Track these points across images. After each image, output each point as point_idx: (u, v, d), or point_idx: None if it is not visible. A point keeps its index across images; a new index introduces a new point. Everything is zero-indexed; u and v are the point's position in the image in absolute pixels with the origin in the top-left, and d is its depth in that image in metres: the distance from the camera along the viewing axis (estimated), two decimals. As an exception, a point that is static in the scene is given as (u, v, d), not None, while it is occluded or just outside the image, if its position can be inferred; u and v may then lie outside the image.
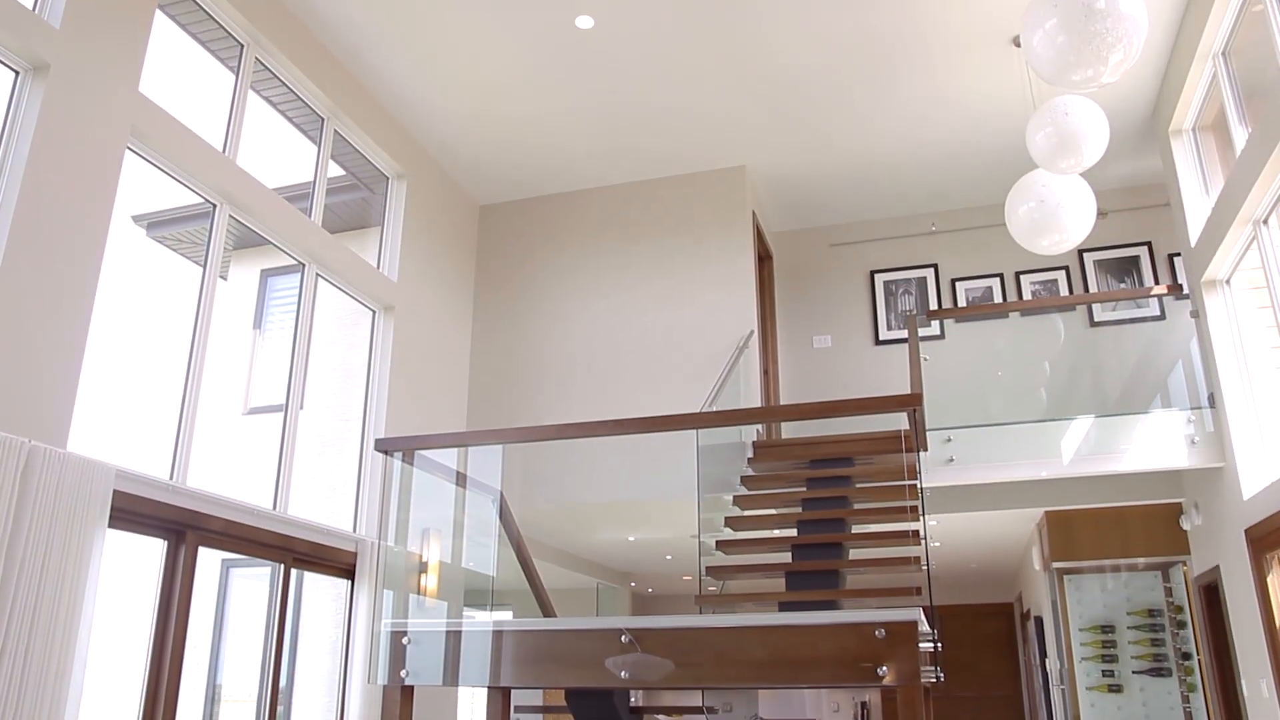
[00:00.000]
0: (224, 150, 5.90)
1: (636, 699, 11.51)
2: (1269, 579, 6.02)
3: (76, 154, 4.71)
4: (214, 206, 5.82)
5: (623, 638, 4.20)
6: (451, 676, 4.68)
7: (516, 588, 7.22)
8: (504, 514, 6.38)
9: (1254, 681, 6.51)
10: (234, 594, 7.71)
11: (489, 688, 4.78)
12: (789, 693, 12.86)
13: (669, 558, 10.25)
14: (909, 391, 6.09)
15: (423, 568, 6.98)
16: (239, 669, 7.19)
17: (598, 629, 4.30)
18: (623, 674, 4.19)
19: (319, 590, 7.38)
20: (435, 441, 5.02)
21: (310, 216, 6.66)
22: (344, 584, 6.68)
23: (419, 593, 6.96)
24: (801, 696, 12.96)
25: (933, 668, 4.22)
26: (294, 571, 6.33)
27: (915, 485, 4.41)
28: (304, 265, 6.63)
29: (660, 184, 8.45)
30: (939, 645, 5.28)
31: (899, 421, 6.05)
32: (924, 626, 4.02)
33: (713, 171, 8.34)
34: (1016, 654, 12.40)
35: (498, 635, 4.55)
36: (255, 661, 6.28)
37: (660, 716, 11.64)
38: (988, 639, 12.72)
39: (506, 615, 7.85)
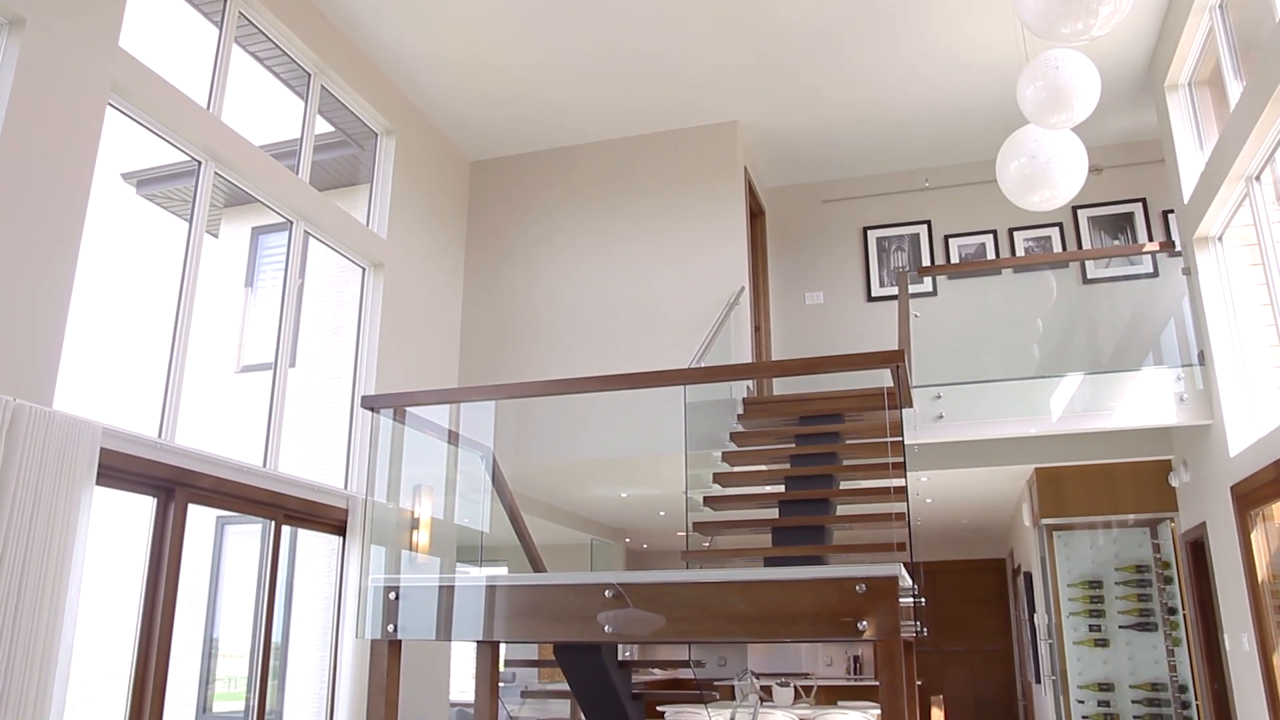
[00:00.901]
0: (208, 107, 5.85)
1: (632, 653, 11.64)
2: (1252, 535, 6.06)
3: (55, 111, 4.67)
4: (199, 164, 5.78)
5: (606, 592, 4.22)
6: (438, 631, 4.73)
7: (510, 544, 7.27)
8: (494, 471, 6.41)
9: (1235, 635, 6.58)
10: (229, 550, 7.77)
11: (475, 642, 4.82)
12: (783, 647, 13.01)
13: (662, 514, 10.31)
14: (897, 348, 6.08)
15: (414, 524, 7.02)
16: (235, 623, 7.27)
17: (582, 584, 4.33)
18: (607, 628, 4.22)
19: (313, 546, 7.44)
20: (421, 398, 5.03)
21: (298, 174, 6.62)
22: (336, 540, 6.73)
23: (411, 549, 7.01)
24: (797, 650, 13.11)
25: (914, 622, 4.26)
26: (285, 528, 6.38)
27: (899, 442, 4.42)
28: (291, 223, 6.60)
29: (652, 139, 8.39)
30: (922, 600, 5.33)
31: (889, 378, 6.06)
32: (905, 582, 4.04)
33: (705, 127, 8.27)
34: (1008, 609, 12.52)
35: (484, 590, 4.59)
36: (250, 616, 6.34)
37: (657, 671, 11.78)
38: (979, 594, 12.83)
39: (502, 571, 7.92)
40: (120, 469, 4.89)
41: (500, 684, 9.98)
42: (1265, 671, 5.93)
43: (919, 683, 9.91)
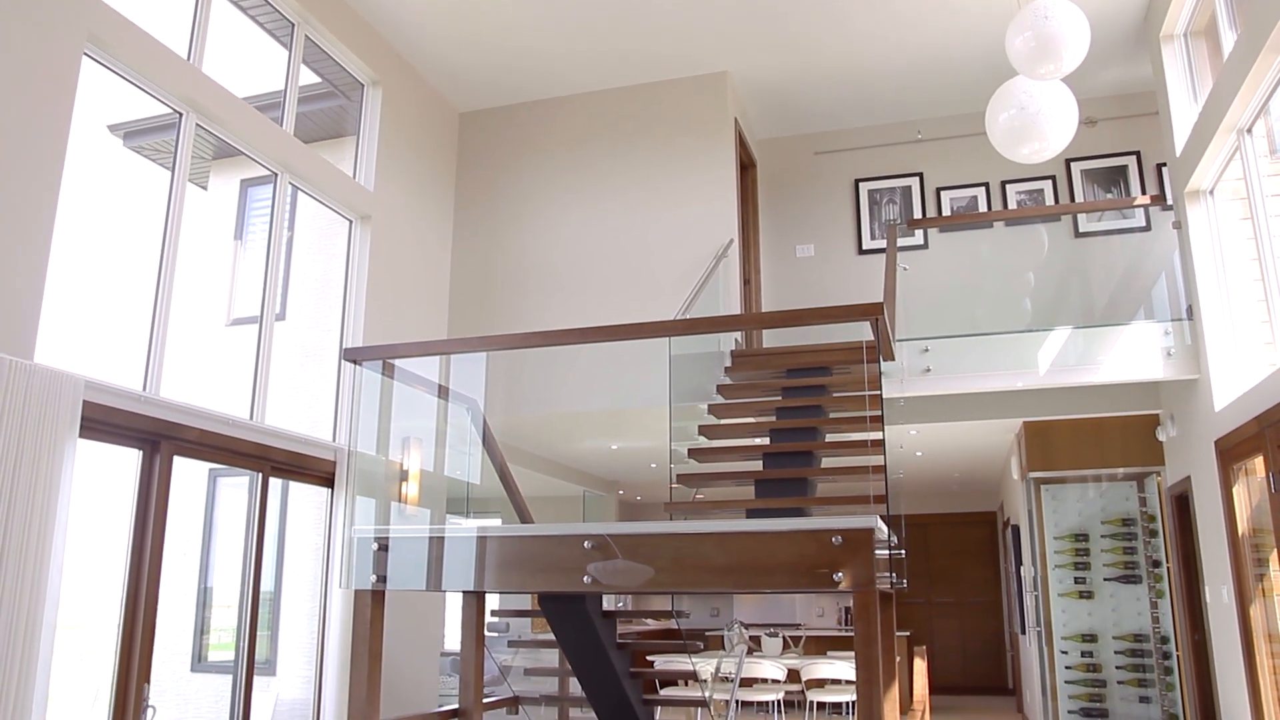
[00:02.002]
0: (188, 57, 5.79)
1: (626, 603, 11.75)
2: (1234, 489, 6.09)
3: (30, 62, 4.62)
4: (180, 115, 5.73)
5: (585, 544, 4.26)
6: (422, 581, 4.78)
7: (501, 496, 7.32)
8: (480, 423, 6.43)
9: (1216, 588, 6.64)
10: (222, 502, 7.83)
11: (454, 592, 4.87)
12: (777, 598, 13.15)
13: (653, 466, 10.36)
14: (887, 300, 6.07)
15: (403, 476, 7.06)
16: (229, 574, 7.34)
17: (562, 535, 4.37)
18: (586, 579, 4.26)
19: (305, 498, 7.50)
20: (403, 350, 5.03)
21: (282, 125, 6.57)
22: (325, 492, 6.77)
23: (400, 500, 7.06)
24: (792, 601, 13.24)
25: (889, 574, 4.29)
26: (275, 481, 6.42)
27: (877, 395, 4.42)
28: (276, 175, 6.56)
29: (642, 90, 8.31)
30: (902, 552, 5.37)
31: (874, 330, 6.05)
32: (881, 534, 4.07)
33: (695, 77, 8.19)
34: (998, 562, 12.62)
35: (467, 542, 4.63)
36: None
37: (650, 622, 11.91)
38: (970, 547, 12.93)
39: (495, 522, 7.98)
40: (104, 422, 4.91)
41: (493, 634, 10.13)
42: (1241, 623, 5.99)
43: (907, 633, 10.02)
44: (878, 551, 3.98)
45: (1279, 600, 5.29)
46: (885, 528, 4.16)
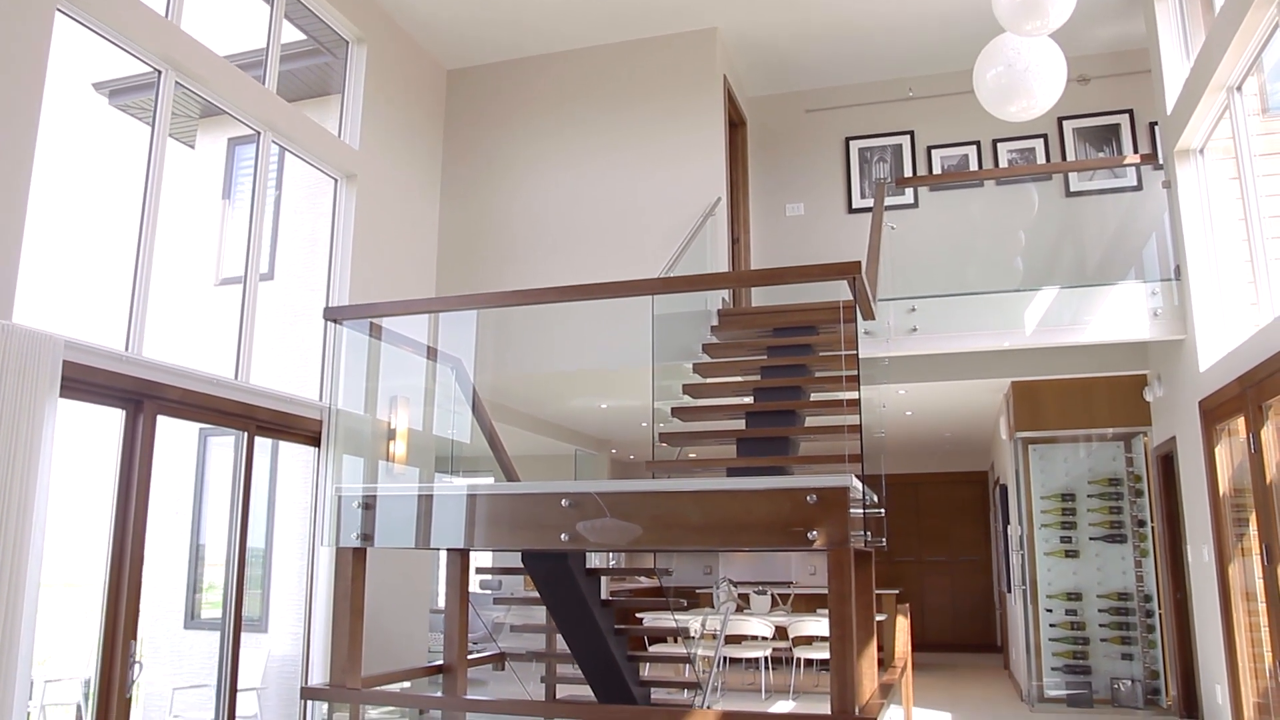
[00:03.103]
0: (166, 14, 5.73)
1: (619, 560, 11.84)
2: (1216, 449, 6.11)
3: (1, 18, 4.57)
4: (159, 74, 5.68)
5: (563, 502, 4.28)
6: (402, 538, 4.81)
7: (489, 454, 7.35)
8: (464, 383, 6.44)
9: (1197, 547, 6.69)
10: (212, 461, 7.87)
11: (433, 549, 4.90)
12: (771, 556, 13.22)
13: (644, 425, 10.37)
14: (871, 259, 6.05)
15: (391, 435, 7.08)
16: (220, 533, 7.39)
17: (541, 493, 4.39)
18: (564, 536, 4.29)
19: (295, 457, 7.53)
20: (384, 309, 5.04)
21: (265, 83, 6.51)
22: (313, 451, 6.80)
23: (387, 459, 7.09)
24: (786, 560, 13.32)
25: (864, 532, 4.30)
26: (266, 440, 6.44)
27: (853, 355, 4.42)
28: (259, 134, 6.52)
29: (631, 47, 8.22)
30: (882, 511, 5.39)
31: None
32: (856, 493, 4.09)
33: (684, 34, 8.09)
34: (989, 521, 12.69)
35: (447, 500, 4.66)
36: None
37: (644, 580, 11.99)
38: (961, 506, 13.00)
39: (487, 481, 8.02)
40: (85, 381, 4.91)
41: (486, 591, 10.21)
42: (1220, 581, 6.04)
43: (896, 591, 10.10)
44: (853, 510, 4.00)
45: (1257, 560, 5.33)
46: (861, 486, 4.18)
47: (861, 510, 4.24)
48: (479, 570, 6.55)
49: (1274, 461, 5.17)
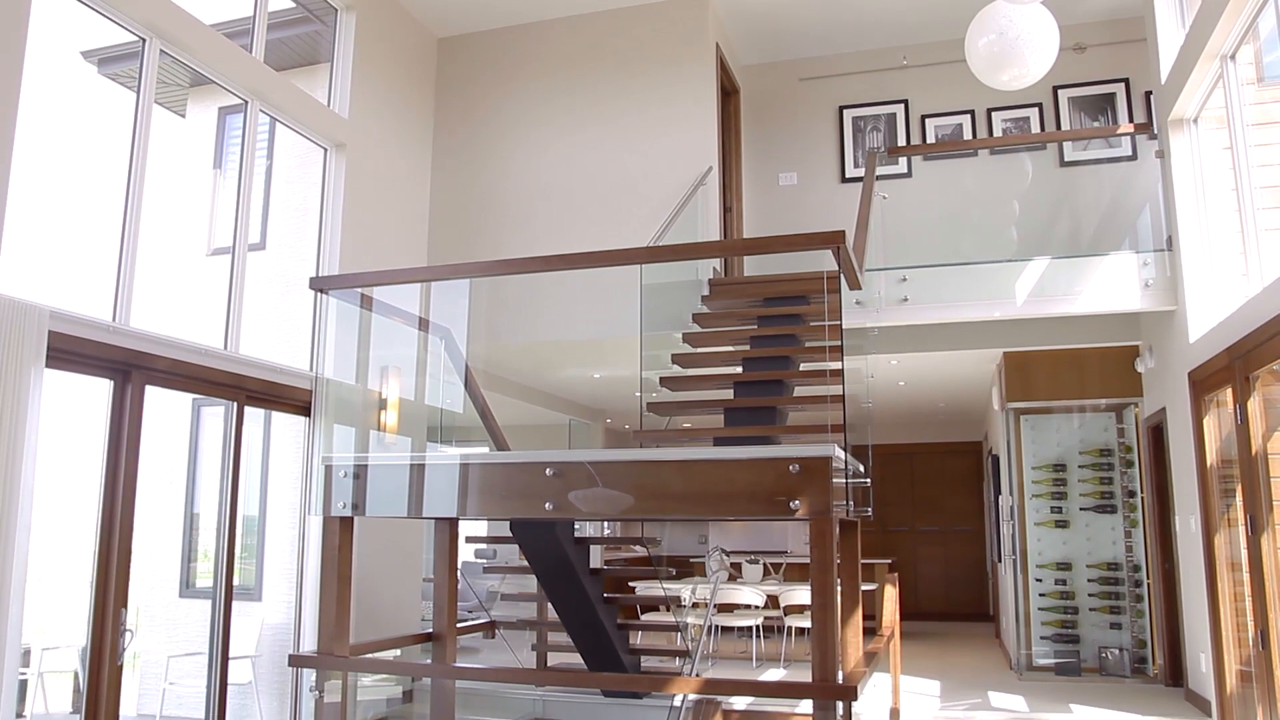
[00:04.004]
0: (150, -21, 5.68)
1: (614, 529, 11.88)
2: (1205, 420, 6.11)
3: (-18, -18, 4.54)
4: (143, 41, 5.64)
5: (547, 471, 4.29)
6: (390, 507, 4.83)
7: (480, 424, 7.36)
8: (453, 353, 6.44)
9: (1185, 517, 6.71)
10: (205, 430, 7.89)
11: (418, 518, 4.92)
12: (766, 526, 13.26)
13: (638, 394, 10.39)
14: (859, 229, 6.02)
15: (382, 404, 7.10)
16: (214, 501, 7.43)
17: (525, 463, 4.40)
18: (547, 505, 4.30)
19: (288, 427, 7.55)
20: (369, 279, 5.03)
21: (252, 52, 6.46)
22: (304, 421, 6.82)
23: (379, 429, 7.11)
24: (784, 529, 13.37)
25: (846, 502, 4.31)
26: (254, 409, 6.46)
27: (837, 325, 4.42)
28: (247, 102, 6.48)
29: (623, 14, 8.15)
30: (867, 481, 5.41)
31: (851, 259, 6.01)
32: (839, 463, 4.09)
33: (676, 0, 8.01)
34: (982, 491, 12.73)
35: (432, 469, 4.67)
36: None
37: (639, 549, 12.05)
38: (955, 476, 13.03)
39: (482, 450, 8.04)
40: (72, 352, 4.92)
41: (482, 560, 10.23)
42: (1206, 552, 6.07)
43: (889, 560, 10.14)
44: (836, 480, 4.01)
45: (1242, 530, 5.35)
46: (844, 456, 4.18)
47: (844, 480, 4.25)
48: (469, 539, 6.58)
49: (1260, 432, 5.18)
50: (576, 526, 6.66)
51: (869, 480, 5.35)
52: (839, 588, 4.88)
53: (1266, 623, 5.03)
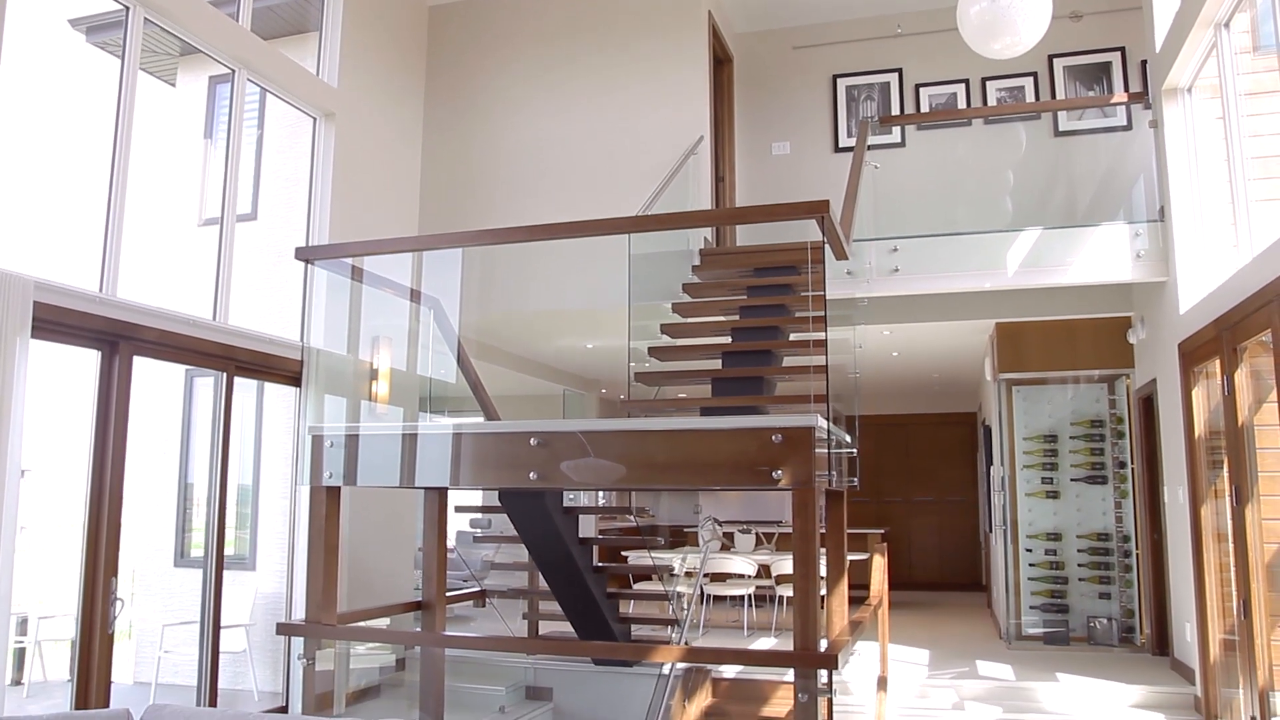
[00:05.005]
0: (133, -54, 5.63)
1: (610, 499, 11.93)
2: (1194, 391, 6.11)
3: (-39, -51, 4.49)
4: (127, 10, 5.60)
5: (531, 441, 4.29)
6: (376, 477, 4.85)
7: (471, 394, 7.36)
8: (443, 323, 6.44)
9: (1173, 488, 6.73)
10: (198, 401, 7.90)
11: (406, 486, 4.93)
12: (763, 496, 13.31)
13: (632, 365, 10.40)
14: (847, 199, 6.00)
15: (374, 374, 7.10)
16: (207, 470, 7.45)
17: (510, 432, 4.41)
18: (531, 475, 4.31)
19: (281, 397, 7.56)
20: (355, 249, 5.02)
21: (239, 20, 6.41)
22: (295, 391, 6.83)
23: (370, 399, 7.12)
24: (781, 500, 13.42)
25: (828, 472, 4.32)
26: (247, 380, 6.47)
27: (820, 296, 4.41)
28: (234, 71, 6.44)
29: (615, -18, 8.08)
30: (853, 451, 5.42)
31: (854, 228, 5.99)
32: (822, 433, 4.09)
33: (667, -33, 7.95)
34: (976, 462, 12.76)
35: (420, 439, 4.69)
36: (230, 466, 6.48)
37: (634, 519, 12.10)
38: (949, 447, 13.05)
39: (474, 420, 8.05)
40: (58, 322, 4.91)
41: (477, 530, 10.26)
42: (1193, 523, 6.09)
43: (882, 530, 10.18)
44: (819, 450, 4.01)
45: (1229, 502, 5.36)
46: (827, 426, 4.18)
47: (827, 450, 4.26)
48: (463, 509, 6.61)
49: (1246, 404, 5.18)
50: (571, 497, 6.70)
51: (855, 450, 5.36)
52: (824, 557, 4.91)
53: (1249, 593, 5.05)
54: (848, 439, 5.23)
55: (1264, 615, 4.96)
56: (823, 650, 3.81)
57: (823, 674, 3.84)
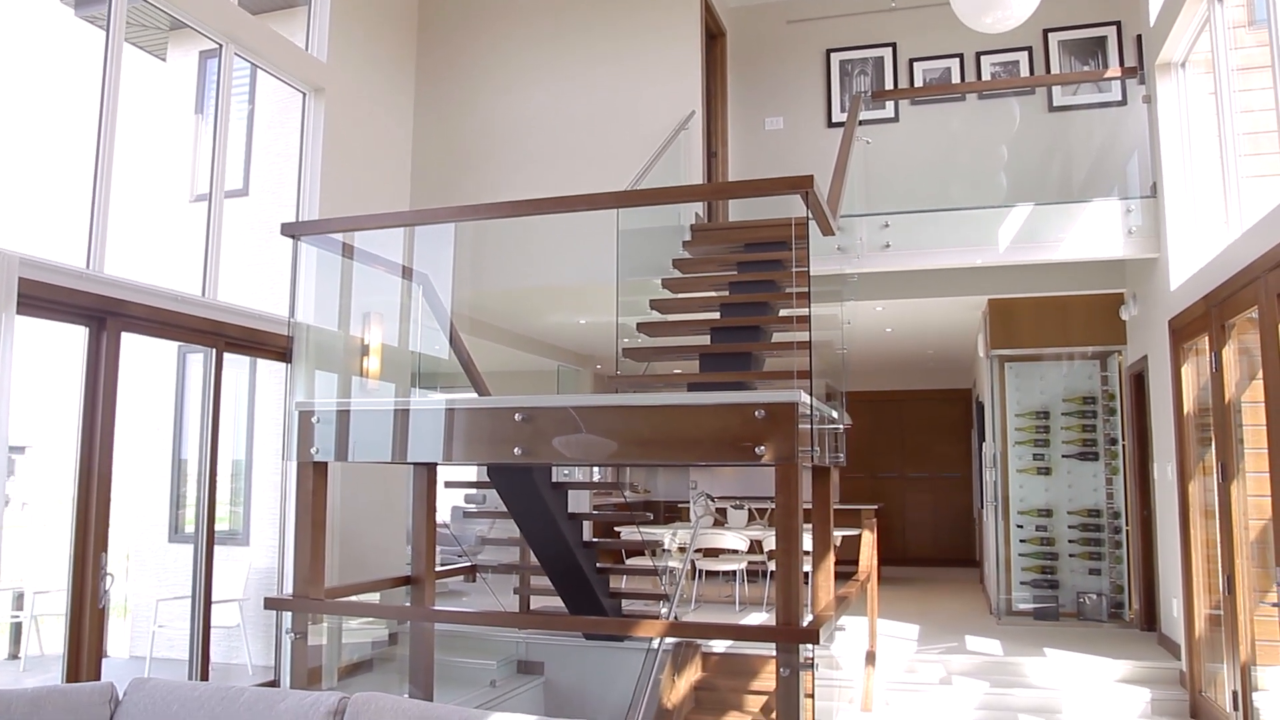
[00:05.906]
0: (118, -82, 5.58)
1: (605, 474, 11.95)
2: (1183, 368, 6.11)
3: (-60, -79, 4.46)
4: (111, -20, 5.56)
5: (516, 416, 4.29)
6: (364, 453, 4.86)
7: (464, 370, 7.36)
8: (432, 298, 6.43)
9: (1163, 465, 6.74)
10: (191, 377, 7.90)
11: (392, 462, 4.94)
12: (758, 471, 13.36)
13: (626, 341, 10.39)
14: (836, 174, 5.97)
15: (364, 350, 7.10)
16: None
17: (496, 408, 4.41)
18: (516, 450, 4.31)
19: (273, 373, 7.57)
20: (341, 224, 5.00)
21: (226, -8, 6.37)
22: (284, 367, 6.83)
23: (361, 375, 7.12)
24: (773, 477, 13.44)
25: (812, 448, 4.31)
26: (240, 356, 6.46)
27: (804, 271, 4.39)
28: (222, 46, 6.40)
29: (608, -45, 8.01)
30: (840, 427, 5.42)
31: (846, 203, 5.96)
32: (806, 409, 4.09)
33: (660, -60, 7.88)
34: (970, 438, 12.77)
35: (406, 415, 4.69)
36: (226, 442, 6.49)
37: (629, 494, 12.13)
38: (944, 423, 13.07)
39: (467, 396, 8.05)
40: (45, 299, 4.90)
41: (471, 505, 10.30)
42: (1181, 499, 6.10)
43: (876, 506, 10.21)
44: (803, 426, 4.01)
45: (1216, 478, 5.38)
46: (810, 401, 4.18)
47: (811, 425, 4.25)
48: (449, 484, 6.62)
49: (1234, 381, 5.18)
50: (565, 472, 6.71)
51: (841, 426, 5.36)
52: (809, 532, 4.92)
53: (1233, 568, 5.07)
54: (834, 415, 5.23)
55: (1247, 591, 4.98)
56: (805, 625, 3.82)
57: (806, 648, 3.85)
